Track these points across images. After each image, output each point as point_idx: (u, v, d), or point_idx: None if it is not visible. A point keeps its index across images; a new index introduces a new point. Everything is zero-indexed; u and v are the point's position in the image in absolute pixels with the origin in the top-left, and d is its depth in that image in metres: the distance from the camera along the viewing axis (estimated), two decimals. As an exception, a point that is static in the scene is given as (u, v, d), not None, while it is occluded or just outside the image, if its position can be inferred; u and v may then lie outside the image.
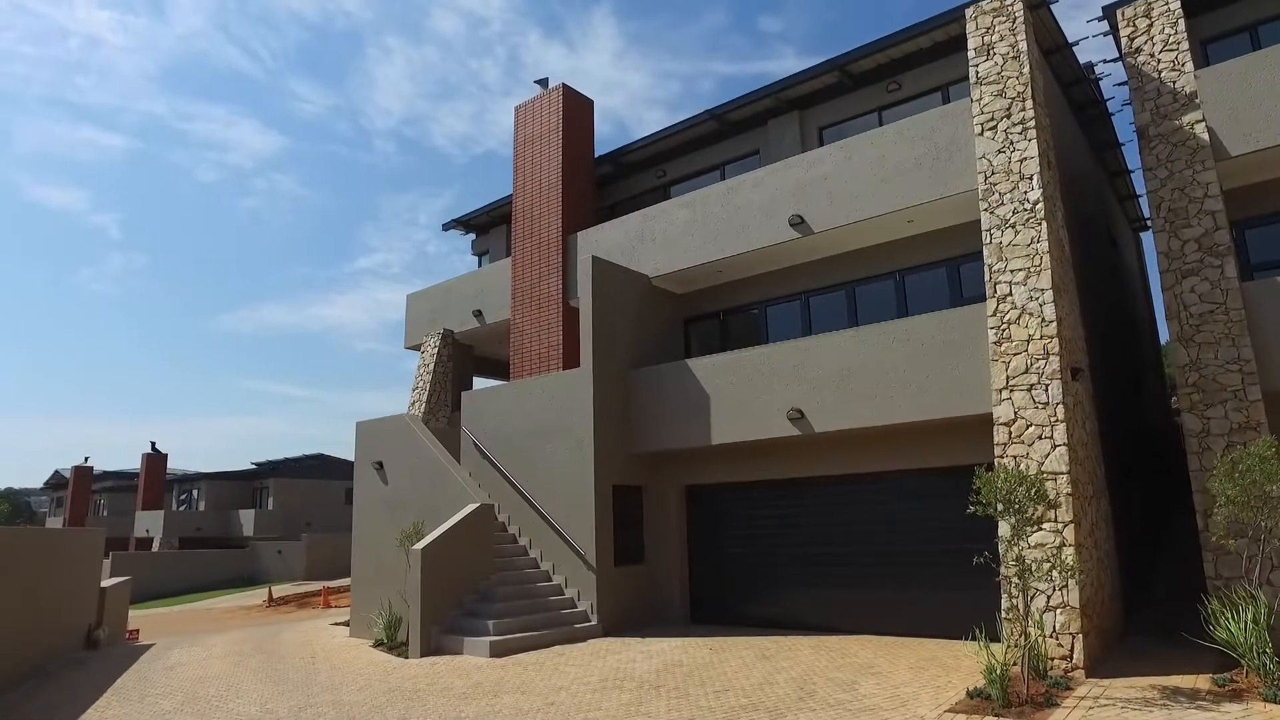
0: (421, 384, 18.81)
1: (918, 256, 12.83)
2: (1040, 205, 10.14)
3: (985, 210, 10.58)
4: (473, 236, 22.34)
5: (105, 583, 18.66)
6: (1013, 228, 10.25)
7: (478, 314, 18.62)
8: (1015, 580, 7.76)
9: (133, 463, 51.85)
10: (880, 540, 11.81)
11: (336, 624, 16.50)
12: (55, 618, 14.49)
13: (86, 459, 54.09)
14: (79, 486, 52.74)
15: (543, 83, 18.05)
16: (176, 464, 59.33)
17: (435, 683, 9.62)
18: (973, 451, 10.24)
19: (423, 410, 18.18)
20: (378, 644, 13.01)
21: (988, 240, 10.44)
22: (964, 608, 10.37)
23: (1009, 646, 7.89)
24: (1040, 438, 9.20)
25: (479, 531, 12.66)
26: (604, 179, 18.64)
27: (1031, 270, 9.95)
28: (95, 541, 16.68)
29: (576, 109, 17.79)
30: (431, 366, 18.74)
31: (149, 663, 12.90)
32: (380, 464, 14.95)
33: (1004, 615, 8.49)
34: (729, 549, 13.53)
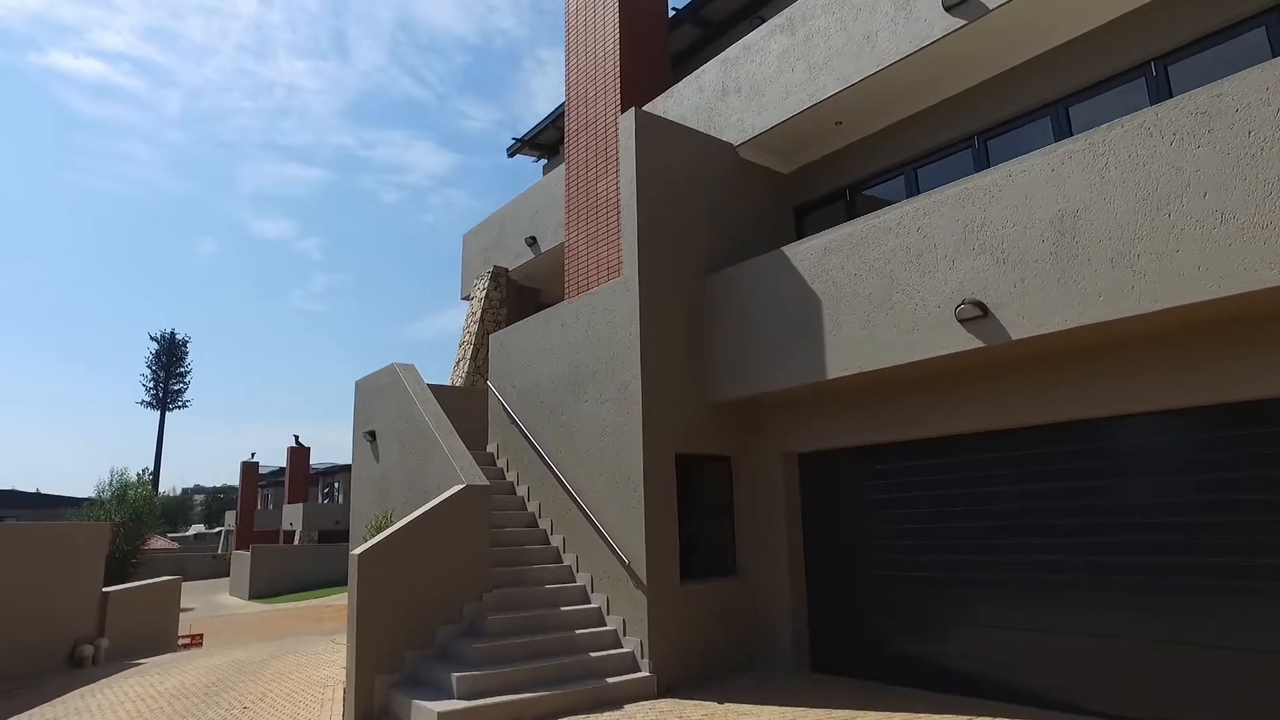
0: (467, 337, 14.80)
1: (1193, 24, 6.98)
2: None
3: None
4: (544, 162, 18.19)
5: (139, 583, 16.29)
6: None
7: (531, 242, 14.33)
8: None
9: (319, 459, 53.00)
10: (1161, 539, 6.18)
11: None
12: (12, 631, 11.77)
13: (253, 455, 56.14)
14: (246, 482, 54.64)
15: (592, -79, 13.39)
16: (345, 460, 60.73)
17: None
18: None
19: (466, 371, 14.18)
20: (352, 687, 9.00)
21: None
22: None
23: None
24: None
25: (465, 528, 8.28)
26: (684, 53, 13.76)
27: None
28: (93, 539, 13.99)
29: (640, -48, 12.99)
30: (479, 314, 14.69)
31: (68, 701, 9.69)
32: (372, 434, 11.00)
33: None
34: (871, 554, 8.30)
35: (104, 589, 13.99)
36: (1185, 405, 5.89)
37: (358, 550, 7.59)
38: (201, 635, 18.66)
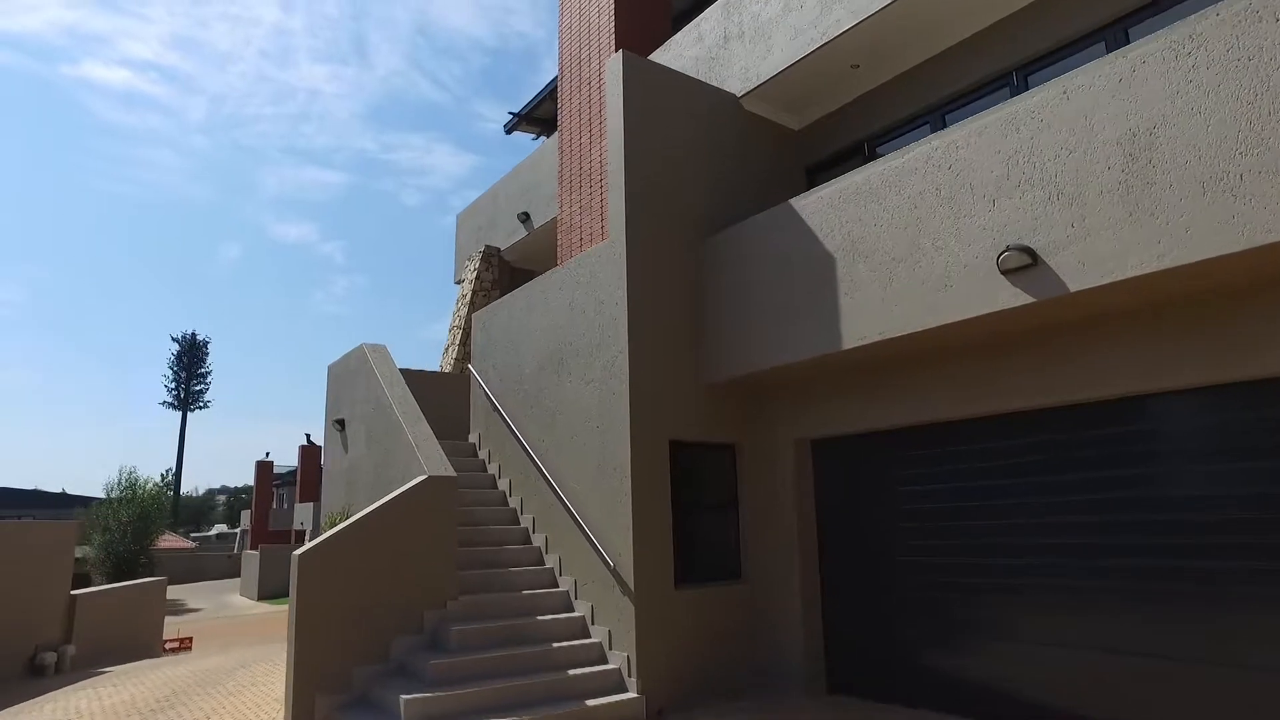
0: (457, 321, 13.80)
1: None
2: None
3: None
4: (543, 140, 17.14)
5: (114, 585, 15.50)
6: None
7: (524, 218, 13.31)
8: None
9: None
10: (1257, 542, 4.98)
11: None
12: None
13: (268, 454, 55.78)
14: (261, 481, 54.24)
15: None
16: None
17: None
18: None
19: (455, 358, 13.17)
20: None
21: None
22: None
23: None
24: None
25: (428, 525, 7.23)
26: (688, 11, 12.64)
27: None
28: (59, 539, 13.11)
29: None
30: (469, 297, 13.67)
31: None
32: (341, 422, 10.01)
33: None
34: (897, 555, 7.14)
35: (72, 592, 13.15)
36: (1290, 371, 4.71)
37: (298, 551, 6.57)
38: (190, 639, 17.80)
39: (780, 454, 7.91)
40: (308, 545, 6.60)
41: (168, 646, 16.55)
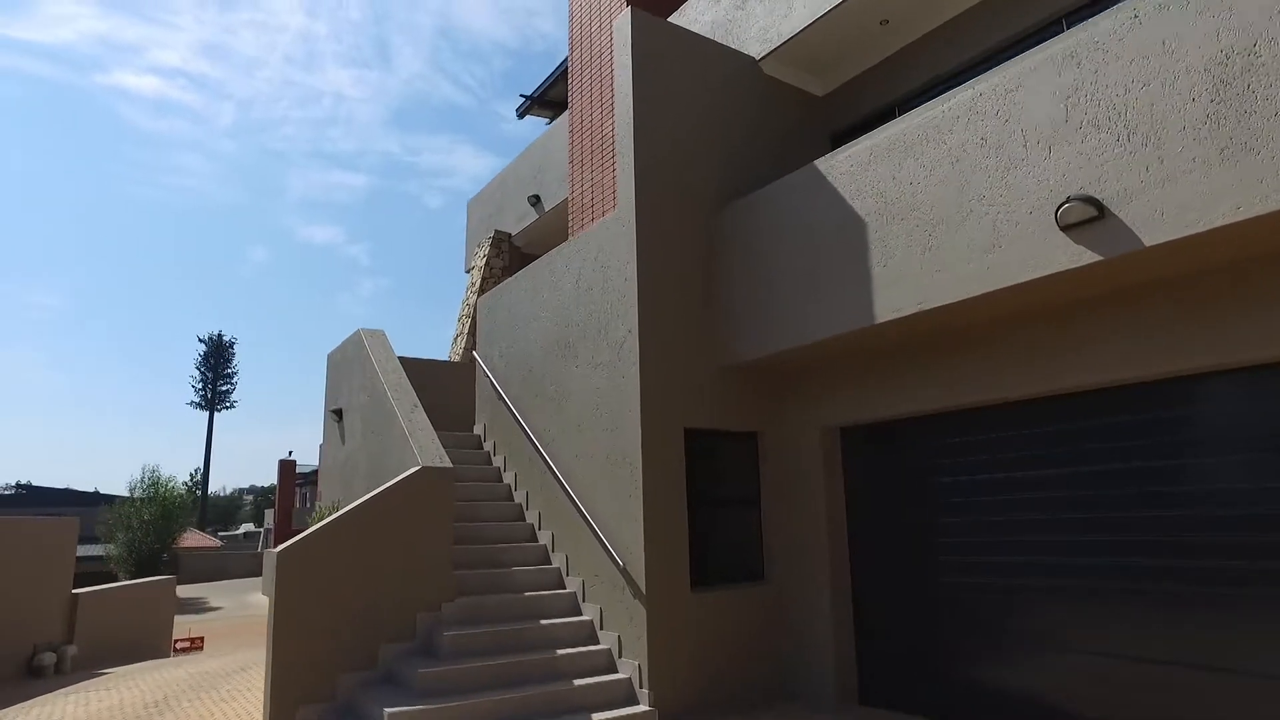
0: (465, 310, 13.25)
1: None
2: None
3: None
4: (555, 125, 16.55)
5: (119, 584, 15.16)
6: None
7: (534, 201, 12.71)
8: None
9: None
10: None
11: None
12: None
13: (290, 453, 55.95)
14: (284, 480, 54.31)
15: None
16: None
17: None
18: None
19: (464, 346, 12.62)
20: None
21: None
22: None
23: None
24: None
25: (421, 520, 6.65)
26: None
27: None
28: (60, 537, 12.73)
29: None
30: (478, 285, 13.11)
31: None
32: (339, 412, 9.47)
33: None
34: (937, 554, 6.44)
35: (74, 591, 12.78)
36: None
37: (278, 548, 6.02)
38: (202, 639, 17.44)
39: (806, 443, 7.23)
40: (288, 543, 6.05)
41: (178, 646, 16.20)
